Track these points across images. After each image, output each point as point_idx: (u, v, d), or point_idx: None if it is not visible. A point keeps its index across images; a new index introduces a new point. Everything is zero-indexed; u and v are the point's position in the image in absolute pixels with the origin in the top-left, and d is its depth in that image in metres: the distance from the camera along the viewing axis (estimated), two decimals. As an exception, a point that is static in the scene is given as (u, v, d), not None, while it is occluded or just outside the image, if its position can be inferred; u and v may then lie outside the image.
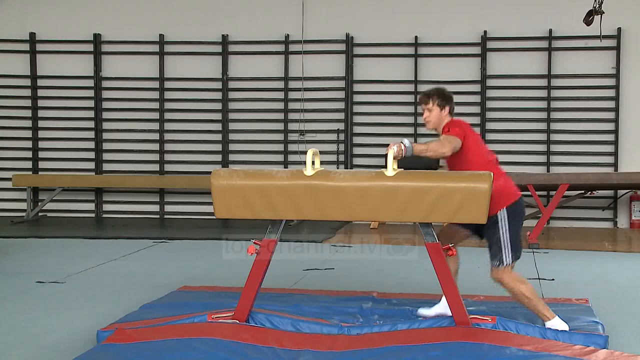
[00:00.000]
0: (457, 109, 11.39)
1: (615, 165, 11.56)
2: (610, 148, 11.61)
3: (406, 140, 5.38)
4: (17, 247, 9.60)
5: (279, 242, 5.45)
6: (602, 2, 9.91)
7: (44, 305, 6.60)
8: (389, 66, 11.97)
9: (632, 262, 8.85)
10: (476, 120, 11.76)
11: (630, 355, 4.78)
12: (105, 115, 12.56)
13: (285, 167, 11.91)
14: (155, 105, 12.43)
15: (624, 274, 8.10)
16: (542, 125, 11.73)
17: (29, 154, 12.64)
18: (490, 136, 11.79)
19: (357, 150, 11.96)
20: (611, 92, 11.59)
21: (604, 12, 9.98)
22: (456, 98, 11.64)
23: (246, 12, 12.02)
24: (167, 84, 12.43)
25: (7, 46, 12.57)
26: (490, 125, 11.80)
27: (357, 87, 12.17)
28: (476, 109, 11.83)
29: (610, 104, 11.59)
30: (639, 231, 11.42)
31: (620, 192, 11.52)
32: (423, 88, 11.78)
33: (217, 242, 9.89)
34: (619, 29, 11.37)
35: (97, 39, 12.45)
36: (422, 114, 5.79)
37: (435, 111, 5.68)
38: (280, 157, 12.19)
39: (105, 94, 12.56)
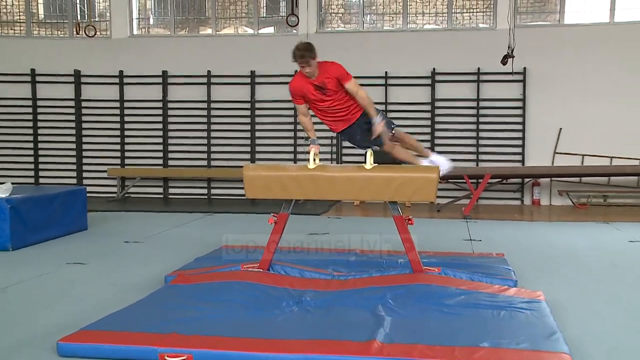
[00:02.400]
0: (414, 123, 11.70)
1: (522, 161, 11.56)
2: (519, 149, 11.60)
3: (378, 118, 5.32)
4: (111, 218, 9.63)
5: (290, 215, 5.47)
6: (513, 49, 10.02)
7: (129, 258, 6.68)
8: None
9: (534, 228, 8.86)
10: (428, 130, 11.75)
11: (532, 291, 4.84)
12: (170, 127, 12.52)
13: (295, 162, 11.91)
14: (204, 119, 12.40)
15: (528, 236, 8.13)
16: (473, 134, 11.72)
17: (119, 154, 12.62)
18: (437, 141, 11.78)
19: (345, 151, 11.93)
20: (519, 112, 11.58)
21: (514, 56, 10.11)
22: (413, 115, 11.93)
23: (267, 55, 11.97)
24: (213, 105, 12.40)
25: (103, 80, 12.56)
26: (437, 134, 11.78)
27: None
28: (428, 122, 11.80)
29: (519, 119, 11.58)
30: (538, 206, 11.44)
31: (526, 180, 11.55)
32: (392, 108, 11.88)
33: (247, 215, 9.94)
34: (525, 68, 11.36)
35: (164, 74, 12.43)
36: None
37: (313, 63, 5.11)
38: (291, 156, 12.17)
39: (170, 112, 12.52)
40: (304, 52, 5.08)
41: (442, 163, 5.57)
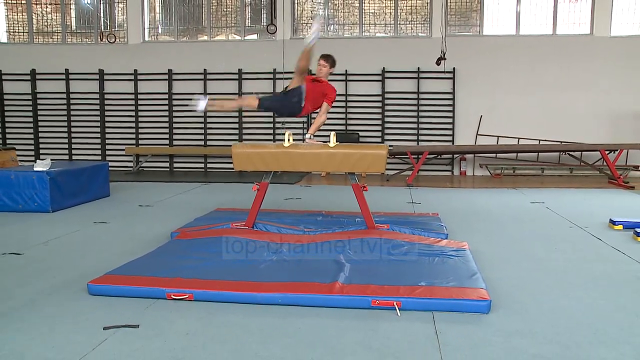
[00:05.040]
0: (369, 111, 11.62)
1: (452, 141, 11.58)
2: (450, 132, 11.61)
3: (307, 135, 5.48)
4: (128, 186, 9.45)
5: (269, 184, 5.41)
6: (445, 53, 9.98)
7: (142, 218, 6.55)
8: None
9: (461, 193, 8.91)
10: (379, 116, 11.69)
11: (459, 242, 4.86)
12: (175, 114, 12.26)
13: (274, 141, 11.78)
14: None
15: (457, 199, 8.16)
16: (414, 119, 11.68)
17: (134, 136, 12.35)
18: (387, 125, 11.73)
19: (314, 133, 11.83)
20: (450, 102, 11.57)
21: (446, 59, 10.08)
22: (368, 104, 11.82)
23: (252, 56, 11.76)
24: (209, 97, 12.13)
25: (122, 77, 12.24)
26: (387, 119, 11.72)
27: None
28: (379, 111, 11.73)
29: (450, 108, 11.57)
30: (464, 176, 11.49)
31: (455, 155, 11.58)
32: (351, 99, 11.79)
33: (235, 184, 9.79)
34: (454, 68, 11.34)
35: (170, 72, 12.15)
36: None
37: (326, 68, 5.49)
38: (271, 136, 12.03)
39: (174, 103, 12.25)
40: (331, 60, 5.59)
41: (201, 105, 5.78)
